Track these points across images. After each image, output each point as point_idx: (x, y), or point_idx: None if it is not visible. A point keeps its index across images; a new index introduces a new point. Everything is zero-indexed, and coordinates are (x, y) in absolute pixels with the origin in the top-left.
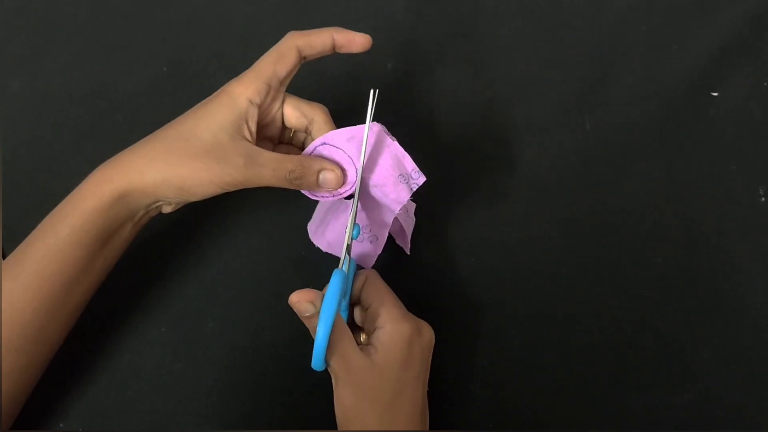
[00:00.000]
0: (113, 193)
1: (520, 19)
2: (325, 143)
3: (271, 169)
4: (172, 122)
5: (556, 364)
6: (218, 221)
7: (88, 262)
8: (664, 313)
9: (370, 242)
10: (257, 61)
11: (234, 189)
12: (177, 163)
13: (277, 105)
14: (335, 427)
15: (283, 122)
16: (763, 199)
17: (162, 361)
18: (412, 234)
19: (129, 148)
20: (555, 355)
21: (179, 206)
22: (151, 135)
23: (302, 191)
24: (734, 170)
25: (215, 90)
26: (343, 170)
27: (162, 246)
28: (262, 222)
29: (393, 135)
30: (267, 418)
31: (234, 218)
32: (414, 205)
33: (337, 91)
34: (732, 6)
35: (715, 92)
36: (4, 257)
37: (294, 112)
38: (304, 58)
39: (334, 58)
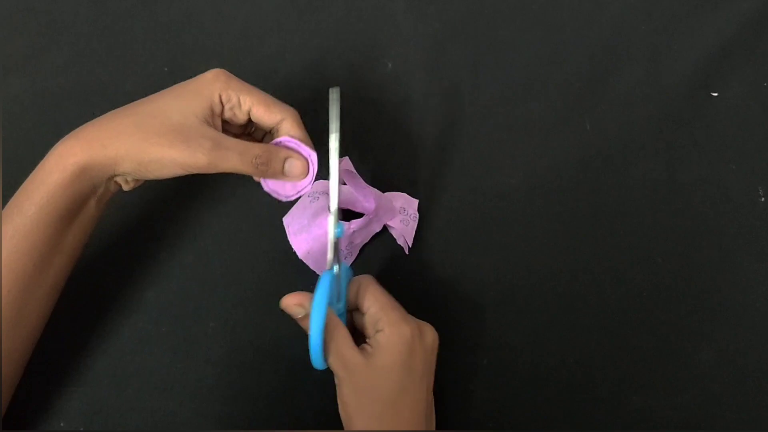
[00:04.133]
0: (75, 167)
1: (520, 19)
2: (293, 142)
3: (237, 153)
4: (142, 99)
5: (556, 363)
6: (219, 221)
7: (57, 240)
8: (664, 313)
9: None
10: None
11: (197, 172)
12: (142, 138)
13: (245, 106)
14: (336, 426)
15: (248, 120)
16: (763, 199)
17: (162, 361)
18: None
19: (95, 119)
20: (555, 355)
21: (138, 184)
22: (119, 109)
23: (264, 186)
24: (734, 170)
25: None
26: (308, 161)
27: (162, 245)
28: (263, 222)
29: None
30: (267, 418)
31: (235, 218)
32: (416, 201)
33: None
34: (732, 6)
35: (715, 92)
36: None
37: (266, 112)
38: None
39: (334, 58)
